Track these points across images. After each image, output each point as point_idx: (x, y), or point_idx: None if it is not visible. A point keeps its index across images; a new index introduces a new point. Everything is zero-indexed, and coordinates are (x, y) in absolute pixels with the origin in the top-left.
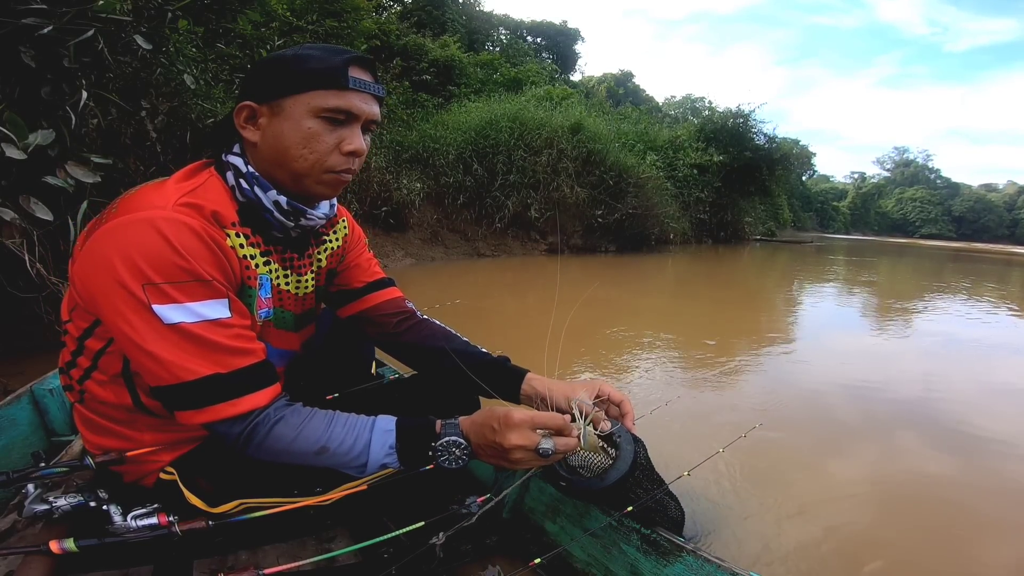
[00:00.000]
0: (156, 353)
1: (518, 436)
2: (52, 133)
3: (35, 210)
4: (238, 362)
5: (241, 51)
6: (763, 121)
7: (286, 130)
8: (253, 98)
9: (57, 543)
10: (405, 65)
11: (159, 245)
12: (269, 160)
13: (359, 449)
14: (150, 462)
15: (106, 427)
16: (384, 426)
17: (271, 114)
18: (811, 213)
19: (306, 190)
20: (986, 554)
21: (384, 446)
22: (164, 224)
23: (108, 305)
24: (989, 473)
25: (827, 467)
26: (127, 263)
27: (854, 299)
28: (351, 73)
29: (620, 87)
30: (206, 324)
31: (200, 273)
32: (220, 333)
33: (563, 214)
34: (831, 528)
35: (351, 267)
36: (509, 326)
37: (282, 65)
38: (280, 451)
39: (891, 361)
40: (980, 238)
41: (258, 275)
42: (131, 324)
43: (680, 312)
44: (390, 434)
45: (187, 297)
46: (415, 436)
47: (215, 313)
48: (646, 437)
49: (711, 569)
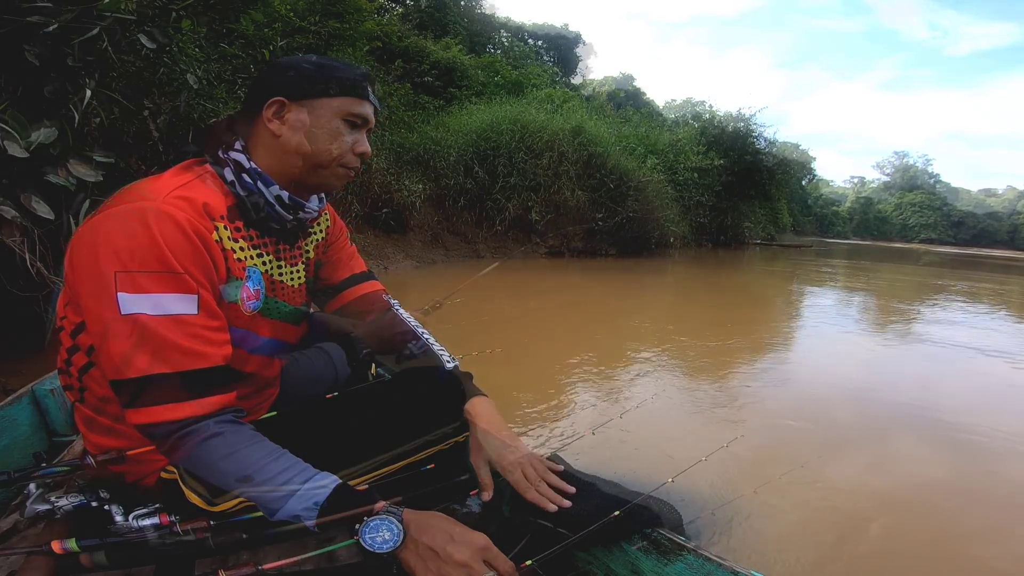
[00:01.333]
0: (109, 345)
1: (472, 559)
2: (55, 131)
3: (36, 208)
4: (187, 363)
5: (244, 51)
6: (764, 125)
7: (316, 126)
8: (284, 95)
9: (59, 543)
10: (407, 67)
11: (139, 234)
12: (290, 151)
13: (281, 495)
14: (151, 461)
15: (107, 426)
16: (321, 482)
17: (301, 110)
18: (811, 217)
19: (320, 180)
20: (984, 557)
21: (309, 500)
22: (150, 215)
23: (83, 289)
24: (987, 477)
25: (826, 468)
26: (106, 249)
27: (852, 302)
28: (367, 87)
29: (621, 90)
30: (163, 319)
31: (173, 265)
32: (176, 331)
33: (564, 217)
34: (830, 529)
35: (334, 260)
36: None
37: (314, 70)
38: (203, 466)
39: (888, 365)
40: (979, 243)
41: (246, 267)
42: (94, 311)
43: (681, 314)
44: (323, 491)
45: (155, 287)
46: (348, 503)
47: (179, 308)
48: (642, 434)
49: (712, 568)
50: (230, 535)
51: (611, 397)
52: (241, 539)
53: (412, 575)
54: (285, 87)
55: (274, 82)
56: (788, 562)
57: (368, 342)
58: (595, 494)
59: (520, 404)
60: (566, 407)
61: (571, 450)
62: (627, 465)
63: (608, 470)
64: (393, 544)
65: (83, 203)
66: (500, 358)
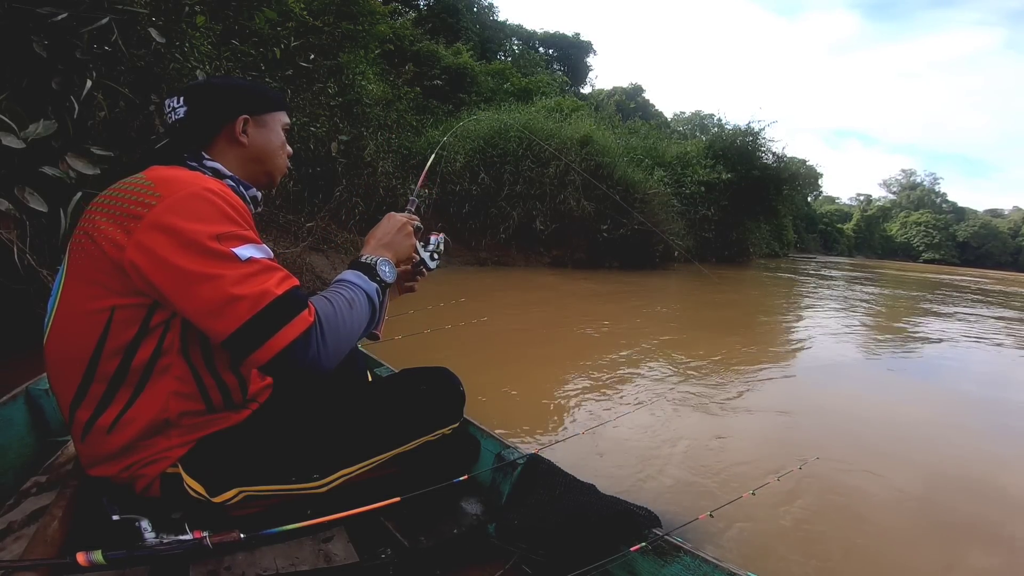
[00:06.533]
0: (239, 290)
1: (405, 216)
2: (55, 124)
3: (29, 200)
4: (293, 280)
5: (255, 49)
6: (772, 140)
7: (271, 138)
8: (248, 112)
9: (84, 555)
10: (417, 71)
11: (209, 207)
12: (255, 159)
13: (368, 299)
14: (164, 459)
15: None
16: (352, 275)
17: (258, 125)
18: (815, 235)
19: (269, 180)
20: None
21: (364, 279)
22: (206, 192)
23: (180, 273)
24: (988, 474)
25: (826, 468)
26: (191, 228)
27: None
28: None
29: (630, 101)
30: (267, 258)
31: (251, 223)
32: (275, 263)
33: (568, 228)
34: (829, 530)
35: None
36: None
37: (257, 89)
38: (337, 334)
39: (888, 364)
40: (983, 264)
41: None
42: (205, 278)
43: (681, 329)
44: (360, 275)
45: (246, 240)
46: (367, 271)
47: (266, 252)
48: (637, 432)
49: (708, 569)
50: (227, 535)
51: (605, 401)
52: (238, 539)
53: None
54: (248, 105)
55: (234, 101)
56: (786, 563)
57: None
58: (584, 501)
59: (520, 404)
60: (561, 409)
61: (566, 448)
62: (620, 468)
63: (601, 472)
64: (390, 265)
65: (75, 196)
66: (500, 359)
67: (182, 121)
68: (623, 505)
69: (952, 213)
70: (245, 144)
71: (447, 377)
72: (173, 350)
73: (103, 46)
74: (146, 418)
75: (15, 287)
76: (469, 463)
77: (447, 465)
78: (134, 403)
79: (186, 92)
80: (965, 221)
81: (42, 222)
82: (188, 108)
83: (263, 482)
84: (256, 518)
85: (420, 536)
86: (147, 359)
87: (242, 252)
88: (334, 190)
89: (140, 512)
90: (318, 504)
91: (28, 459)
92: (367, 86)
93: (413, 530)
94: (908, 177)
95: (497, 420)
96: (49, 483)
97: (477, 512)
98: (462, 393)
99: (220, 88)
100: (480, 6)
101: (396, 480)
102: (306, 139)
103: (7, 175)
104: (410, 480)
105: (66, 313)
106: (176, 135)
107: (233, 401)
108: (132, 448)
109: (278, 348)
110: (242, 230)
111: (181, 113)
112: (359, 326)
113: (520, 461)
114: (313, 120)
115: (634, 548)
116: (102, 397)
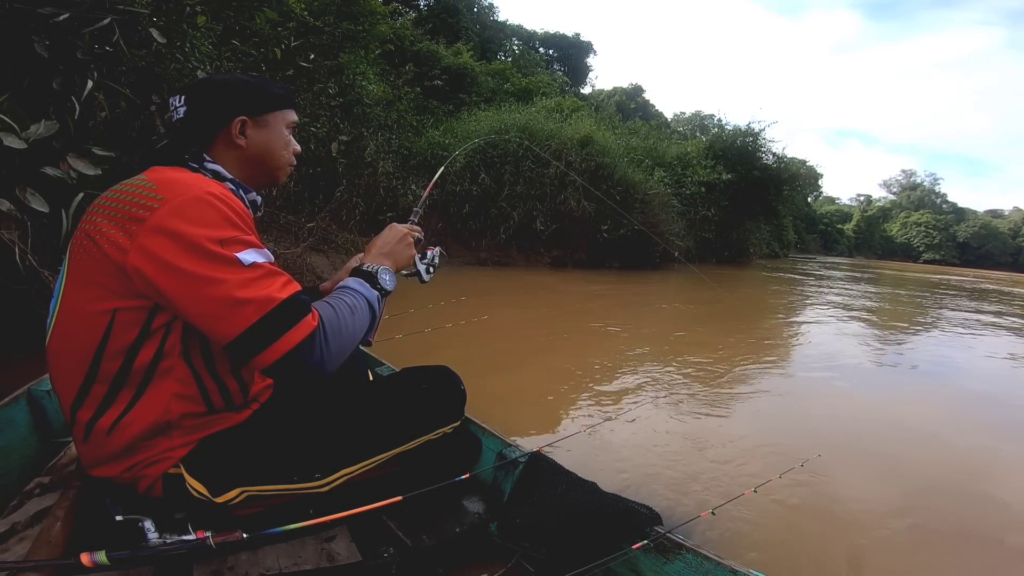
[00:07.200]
0: (243, 294)
1: (407, 227)
2: (56, 124)
3: (30, 200)
4: (295, 286)
5: (256, 49)
6: (772, 140)
7: (272, 139)
8: (246, 113)
9: (88, 556)
10: (417, 71)
11: (212, 212)
12: (254, 160)
13: (369, 304)
14: (166, 460)
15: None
16: (354, 282)
17: (258, 126)
18: (815, 235)
19: (272, 181)
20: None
21: (366, 287)
22: (209, 196)
23: (184, 278)
24: (987, 477)
25: (826, 467)
26: (194, 232)
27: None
28: (294, 98)
29: (631, 101)
30: (270, 263)
31: (253, 227)
32: (278, 268)
33: (569, 228)
34: (830, 529)
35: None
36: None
37: (259, 88)
38: (340, 337)
39: (886, 365)
40: (984, 264)
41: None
42: (209, 281)
43: (680, 330)
44: (362, 283)
45: (249, 245)
46: (368, 279)
47: (268, 256)
48: (639, 430)
49: (710, 567)
50: (230, 535)
51: (605, 400)
52: (241, 539)
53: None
54: (246, 105)
55: (232, 102)
56: (788, 561)
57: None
58: (586, 500)
59: (521, 402)
60: (562, 408)
61: (567, 446)
62: (621, 466)
63: (603, 470)
64: (390, 275)
65: (76, 197)
66: (501, 358)
67: (183, 120)
68: (625, 503)
69: (952, 213)
70: (243, 146)
71: (448, 376)
72: (175, 353)
73: (104, 46)
74: (148, 420)
75: (16, 288)
76: (471, 462)
77: (449, 464)
78: (136, 405)
79: (188, 91)
80: (965, 221)
81: (43, 223)
82: (188, 107)
83: (265, 482)
84: (258, 518)
85: (422, 535)
86: (149, 361)
87: (245, 257)
88: (334, 190)
89: (143, 512)
90: (320, 503)
91: (31, 460)
92: (367, 86)
93: (415, 529)
94: (908, 177)
95: (498, 419)
96: (52, 484)
97: (479, 511)
98: (463, 392)
99: (220, 88)
100: (480, 6)
101: (398, 479)
102: (306, 139)
103: (8, 175)
104: (412, 479)
105: (68, 314)
106: (177, 134)
107: (234, 403)
108: (134, 449)
109: (283, 351)
110: (244, 235)
111: (182, 112)
112: (360, 331)
113: (522, 459)
114: (313, 120)
115: (636, 546)
116: (104, 398)
